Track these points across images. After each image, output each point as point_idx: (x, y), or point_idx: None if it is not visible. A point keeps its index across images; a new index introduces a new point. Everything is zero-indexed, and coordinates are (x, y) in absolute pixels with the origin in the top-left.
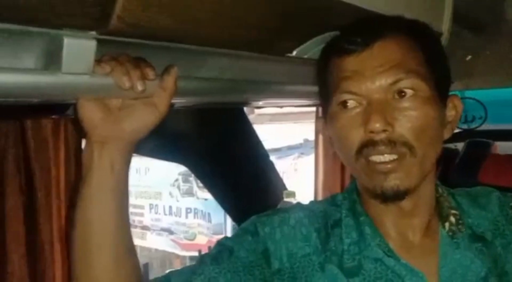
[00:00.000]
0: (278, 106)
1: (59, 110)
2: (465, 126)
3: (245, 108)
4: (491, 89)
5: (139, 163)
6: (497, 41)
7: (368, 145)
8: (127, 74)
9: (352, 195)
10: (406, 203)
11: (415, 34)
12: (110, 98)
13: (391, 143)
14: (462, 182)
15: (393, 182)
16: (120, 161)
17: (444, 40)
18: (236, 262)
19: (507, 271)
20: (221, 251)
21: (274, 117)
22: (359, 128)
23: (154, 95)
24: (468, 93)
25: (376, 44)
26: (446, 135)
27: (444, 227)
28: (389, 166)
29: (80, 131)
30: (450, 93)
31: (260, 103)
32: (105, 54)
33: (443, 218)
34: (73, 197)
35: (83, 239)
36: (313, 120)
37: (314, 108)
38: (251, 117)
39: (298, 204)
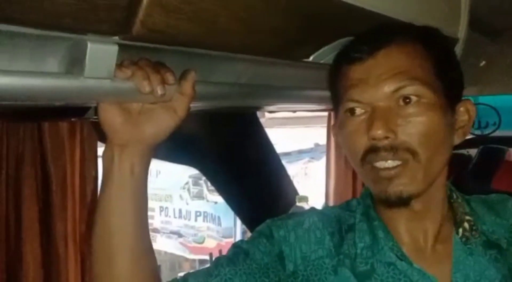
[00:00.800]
0: (291, 111)
1: (76, 113)
2: (478, 133)
3: (257, 112)
4: (505, 95)
5: (150, 166)
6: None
7: (371, 151)
8: (148, 78)
9: (366, 200)
10: (415, 205)
11: (424, 40)
12: (131, 102)
13: (393, 149)
14: (475, 189)
15: (396, 188)
16: (140, 164)
17: (459, 46)
18: (252, 264)
19: None
20: (237, 253)
21: (284, 121)
22: (363, 135)
23: (173, 100)
24: (482, 99)
25: (381, 52)
26: (458, 140)
27: (457, 232)
28: (392, 172)
29: (99, 134)
30: (464, 97)
31: (274, 107)
32: (126, 59)
33: (457, 224)
34: (89, 198)
35: (103, 241)
36: (325, 124)
37: (325, 113)
38: (261, 121)
39: (313, 208)
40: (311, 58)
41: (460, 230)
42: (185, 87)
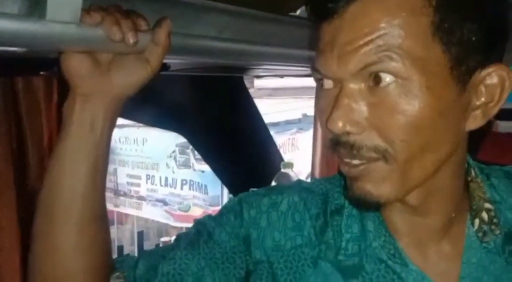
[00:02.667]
0: (278, 76)
1: (44, 66)
2: None
3: (245, 82)
4: None
5: (136, 133)
6: None
7: (333, 143)
8: (118, 24)
9: None
10: (411, 199)
11: None
12: (99, 51)
13: (354, 150)
14: None
15: (360, 190)
16: (103, 120)
17: None
18: (214, 248)
19: None
20: (199, 233)
21: (273, 92)
22: None
23: (146, 51)
24: None
25: (351, 7)
26: (474, 124)
27: (473, 224)
28: (354, 170)
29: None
30: None
31: (261, 70)
32: (94, 4)
33: (472, 212)
34: None
35: (48, 201)
36: (313, 96)
37: (314, 83)
38: (250, 91)
39: (298, 182)
40: (298, 12)
41: (477, 222)
42: (159, 35)
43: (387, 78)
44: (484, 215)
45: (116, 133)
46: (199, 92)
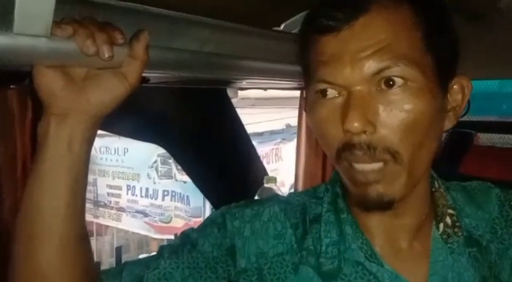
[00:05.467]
0: (262, 88)
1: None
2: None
3: (228, 92)
4: (474, 81)
5: (117, 143)
6: (485, 33)
7: (346, 149)
8: (92, 37)
9: (335, 188)
10: (391, 211)
11: (412, 1)
12: (72, 66)
13: (370, 149)
14: (443, 172)
15: (375, 193)
16: (80, 138)
17: None
18: (198, 257)
19: (501, 280)
20: (183, 243)
21: (257, 102)
22: (337, 125)
23: (123, 65)
24: None
25: (360, 20)
26: (449, 124)
27: (438, 228)
28: (370, 176)
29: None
30: None
31: (244, 83)
32: (66, 17)
33: (437, 218)
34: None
35: (29, 224)
36: (297, 106)
37: (298, 93)
38: (234, 101)
39: (276, 196)
40: (282, 27)
41: (441, 226)
42: (136, 49)
43: (397, 81)
44: (448, 220)
45: (97, 143)
46: (180, 102)
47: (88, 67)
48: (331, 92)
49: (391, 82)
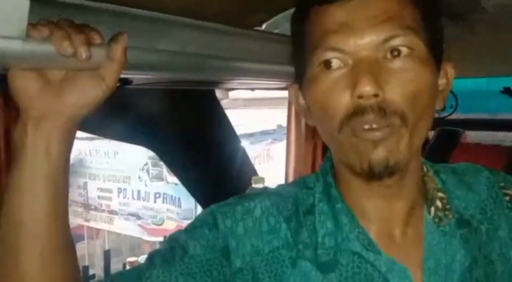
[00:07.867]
0: (249, 89)
1: None
2: (435, 115)
3: (218, 93)
4: (462, 79)
5: (107, 146)
6: (471, 31)
7: (356, 114)
8: (69, 38)
9: (326, 177)
10: (392, 181)
11: None
12: (49, 68)
13: (381, 112)
14: None
15: (381, 154)
16: (58, 143)
17: None
18: (191, 263)
19: (492, 260)
20: (173, 249)
21: (248, 103)
22: (344, 93)
23: (101, 67)
24: None
25: None
26: (438, 106)
27: (429, 212)
28: (378, 133)
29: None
30: None
31: (230, 84)
32: (42, 18)
33: (428, 202)
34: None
35: (6, 235)
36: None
37: (286, 93)
38: (224, 102)
39: (265, 189)
40: (263, 27)
41: (432, 209)
42: (114, 51)
43: (403, 51)
44: (438, 203)
45: (87, 145)
46: (168, 104)
47: (65, 69)
48: (335, 63)
49: (396, 53)
